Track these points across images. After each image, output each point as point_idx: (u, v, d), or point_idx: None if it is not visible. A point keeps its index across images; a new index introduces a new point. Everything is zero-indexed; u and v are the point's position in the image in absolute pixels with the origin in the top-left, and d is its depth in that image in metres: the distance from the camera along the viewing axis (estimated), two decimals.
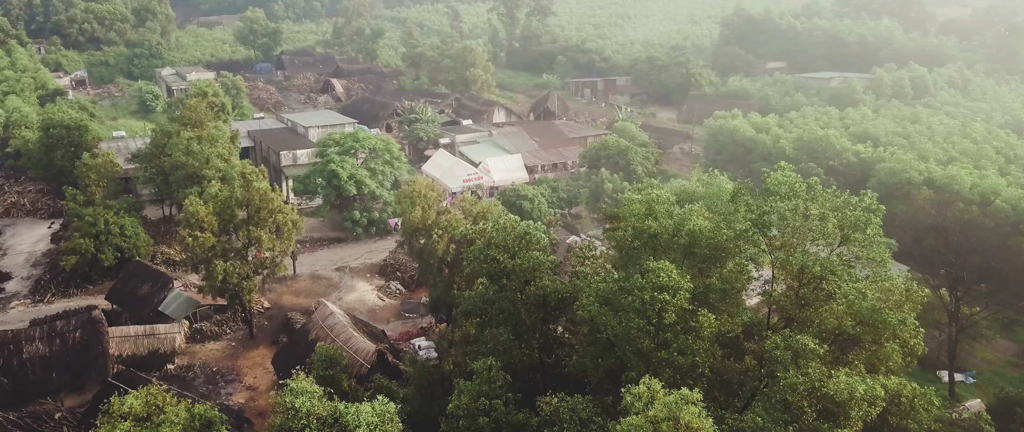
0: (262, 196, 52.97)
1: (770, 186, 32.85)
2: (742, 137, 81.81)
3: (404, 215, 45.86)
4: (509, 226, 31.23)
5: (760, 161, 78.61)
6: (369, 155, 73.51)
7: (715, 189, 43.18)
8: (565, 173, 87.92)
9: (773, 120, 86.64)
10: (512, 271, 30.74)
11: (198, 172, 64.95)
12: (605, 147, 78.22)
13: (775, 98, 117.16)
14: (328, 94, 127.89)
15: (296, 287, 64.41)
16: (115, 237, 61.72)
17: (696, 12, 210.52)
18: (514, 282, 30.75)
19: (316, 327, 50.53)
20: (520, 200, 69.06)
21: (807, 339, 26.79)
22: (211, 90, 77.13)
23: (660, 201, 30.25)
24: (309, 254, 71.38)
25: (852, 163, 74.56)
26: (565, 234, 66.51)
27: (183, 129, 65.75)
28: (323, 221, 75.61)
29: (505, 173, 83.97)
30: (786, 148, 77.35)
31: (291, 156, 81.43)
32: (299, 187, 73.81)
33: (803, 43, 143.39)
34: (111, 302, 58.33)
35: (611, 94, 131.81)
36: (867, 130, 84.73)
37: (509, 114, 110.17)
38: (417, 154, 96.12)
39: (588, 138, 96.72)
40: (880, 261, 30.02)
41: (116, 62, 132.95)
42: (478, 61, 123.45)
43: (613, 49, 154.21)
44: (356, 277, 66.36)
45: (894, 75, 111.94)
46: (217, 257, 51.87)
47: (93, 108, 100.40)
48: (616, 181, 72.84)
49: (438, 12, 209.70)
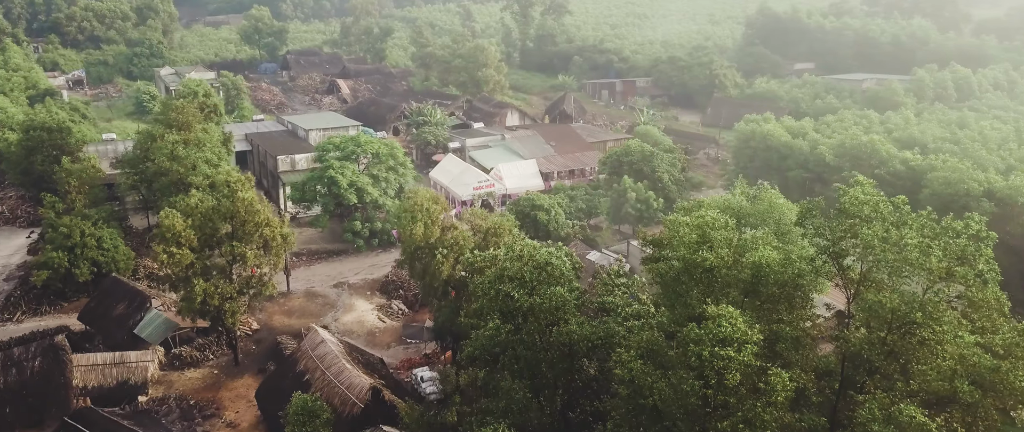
0: (247, 207, 47.25)
1: (847, 206, 26.64)
2: (776, 142, 75.22)
3: (403, 231, 39.94)
4: (525, 254, 25.15)
5: (796, 169, 72.20)
6: (372, 161, 67.78)
7: (765, 205, 36.90)
8: (583, 180, 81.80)
9: (809, 124, 79.94)
10: (530, 311, 24.67)
11: (184, 179, 59.41)
12: (627, 153, 71.99)
13: (805, 101, 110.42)
14: (334, 95, 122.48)
15: (289, 306, 58.67)
16: (91, 250, 56.28)
17: (716, 12, 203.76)
18: (532, 325, 24.69)
19: (304, 357, 44.68)
20: (535, 211, 63.03)
21: (914, 411, 20.58)
22: (202, 90, 71.64)
23: (716, 226, 24.08)
24: (305, 268, 65.68)
25: (899, 172, 67.83)
26: (584, 249, 60.45)
27: (168, 132, 60.20)
28: (321, 232, 69.89)
29: (519, 180, 77.97)
30: (825, 155, 70.75)
31: (289, 161, 75.88)
32: (296, 195, 68.19)
33: (832, 43, 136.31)
34: (84, 322, 52.92)
35: (630, 96, 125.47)
36: (912, 135, 77.88)
37: (523, 117, 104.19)
38: (425, 159, 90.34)
39: (608, 143, 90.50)
40: (997, 305, 23.70)
41: (116, 61, 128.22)
42: (490, 61, 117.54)
43: (631, 49, 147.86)
44: (355, 294, 60.54)
45: (936, 76, 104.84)
46: (196, 276, 46.26)
47: (85, 109, 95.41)
48: (640, 190, 66.64)
49: (450, 11, 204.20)
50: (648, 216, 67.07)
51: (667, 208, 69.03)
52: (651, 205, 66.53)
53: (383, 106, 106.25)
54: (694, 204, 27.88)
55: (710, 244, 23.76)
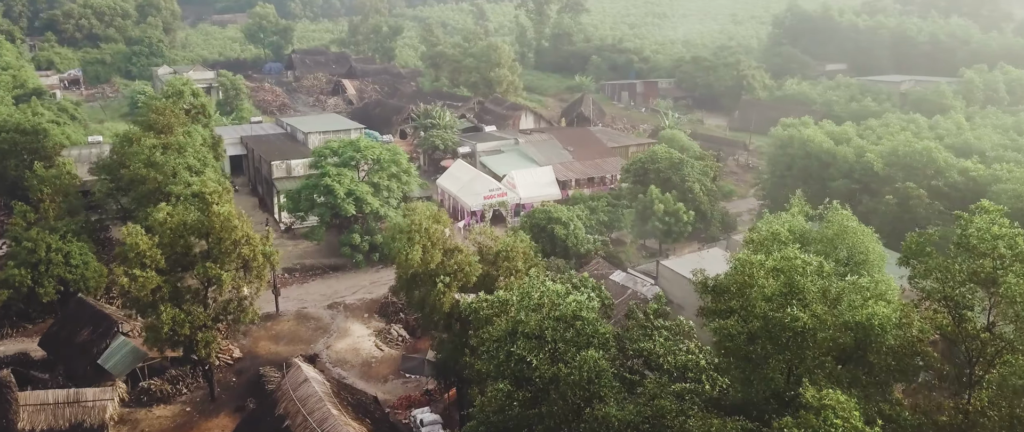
0: (223, 223, 41.18)
1: (973, 241, 20.05)
2: (816, 149, 68.28)
3: (398, 256, 33.70)
4: (546, 302, 18.75)
5: (840, 178, 65.25)
6: (372, 167, 61.69)
7: (834, 229, 30.22)
8: (603, 188, 75.20)
9: (851, 129, 72.96)
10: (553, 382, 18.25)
11: (162, 187, 53.53)
12: (653, 159, 65.46)
13: (839, 103, 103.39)
14: (339, 96, 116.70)
15: (277, 330, 52.58)
16: (58, 267, 50.37)
17: (738, 11, 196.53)
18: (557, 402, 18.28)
19: (285, 398, 38.45)
20: (551, 224, 56.67)
21: None
22: (189, 89, 65.80)
23: (807, 270, 17.50)
24: (298, 286, 59.65)
25: (957, 183, 60.85)
26: (607, 268, 53.90)
27: (146, 136, 54.32)
28: (318, 245, 63.82)
29: (533, 188, 71.54)
30: (874, 163, 63.80)
31: (284, 167, 69.94)
32: (289, 205, 62.22)
33: (866, 43, 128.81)
34: (45, 349, 47.10)
35: (652, 98, 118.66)
36: (967, 142, 70.80)
37: (538, 120, 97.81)
38: (433, 165, 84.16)
39: (630, 148, 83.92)
40: None
41: (114, 60, 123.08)
42: (504, 60, 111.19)
43: (652, 49, 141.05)
44: (351, 317, 54.38)
45: (986, 77, 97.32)
46: (164, 302, 40.22)
47: (75, 110, 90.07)
48: (669, 201, 60.06)
49: (462, 11, 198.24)
50: (677, 231, 60.49)
51: (699, 222, 62.36)
52: (680, 218, 59.95)
53: (389, 108, 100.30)
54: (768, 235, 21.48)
55: (801, 296, 17.31)
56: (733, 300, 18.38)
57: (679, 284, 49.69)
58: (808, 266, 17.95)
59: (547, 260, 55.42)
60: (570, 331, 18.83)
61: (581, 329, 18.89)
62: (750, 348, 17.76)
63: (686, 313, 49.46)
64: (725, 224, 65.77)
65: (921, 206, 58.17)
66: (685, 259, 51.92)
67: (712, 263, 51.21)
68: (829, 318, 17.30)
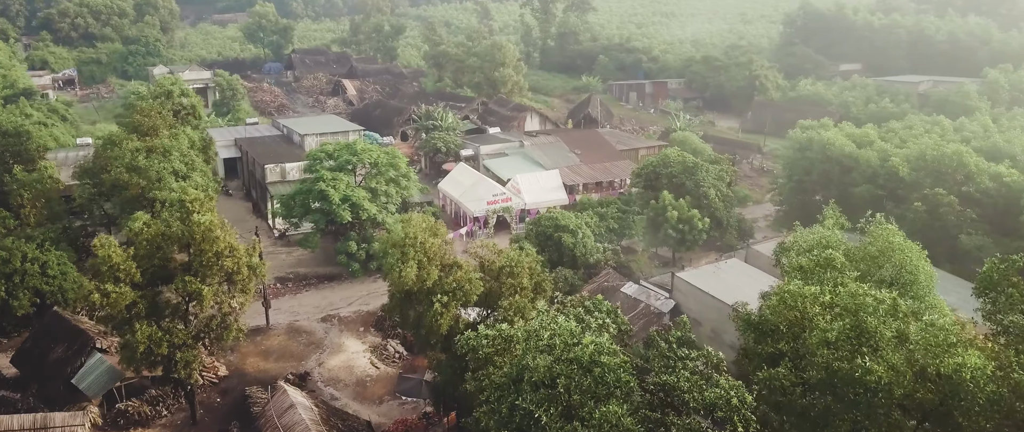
0: (204, 233, 38.04)
1: None
2: (837, 153, 64.72)
3: (390, 273, 30.50)
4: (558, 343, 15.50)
5: (863, 183, 61.65)
6: (370, 171, 58.51)
7: (879, 245, 26.87)
8: (612, 193, 71.92)
9: (872, 131, 69.41)
10: None
11: (146, 193, 50.53)
12: (666, 163, 62.16)
13: (856, 104, 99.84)
14: (339, 97, 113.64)
15: (267, 345, 49.45)
16: (33, 277, 47.33)
17: (748, 10, 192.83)
18: None
19: (269, 425, 35.38)
20: (559, 232, 53.42)
21: None
22: (177, 89, 62.73)
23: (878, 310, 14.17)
24: (291, 297, 56.52)
25: (989, 190, 57.24)
26: (618, 279, 50.65)
27: (129, 138, 51.28)
28: (312, 253, 60.67)
29: (539, 194, 68.29)
30: (899, 168, 60.20)
31: (278, 170, 66.85)
32: (281, 210, 59.14)
33: (881, 42, 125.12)
34: (17, 367, 44.11)
35: (661, 99, 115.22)
36: (996, 145, 67.09)
37: (544, 121, 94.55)
38: (435, 168, 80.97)
39: (640, 151, 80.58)
40: None
41: (109, 60, 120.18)
42: (508, 60, 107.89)
43: (661, 48, 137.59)
44: (346, 331, 51.23)
45: (1011, 77, 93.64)
46: (139, 319, 37.14)
47: (66, 111, 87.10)
48: (682, 208, 56.70)
49: (467, 10, 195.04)
50: (691, 239, 57.14)
51: (714, 229, 58.96)
52: (695, 226, 56.60)
53: (390, 109, 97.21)
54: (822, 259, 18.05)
55: (873, 343, 14.01)
56: (783, 342, 15.07)
57: (696, 298, 46.45)
58: (880, 305, 14.64)
59: (554, 271, 52.24)
60: (587, 379, 15.52)
61: (600, 377, 15.59)
62: (807, 402, 14.47)
63: (704, 330, 46.19)
64: (741, 231, 62.44)
65: (952, 214, 54.69)
66: (702, 271, 48.65)
67: (731, 275, 47.93)
68: (907, 369, 14.00)
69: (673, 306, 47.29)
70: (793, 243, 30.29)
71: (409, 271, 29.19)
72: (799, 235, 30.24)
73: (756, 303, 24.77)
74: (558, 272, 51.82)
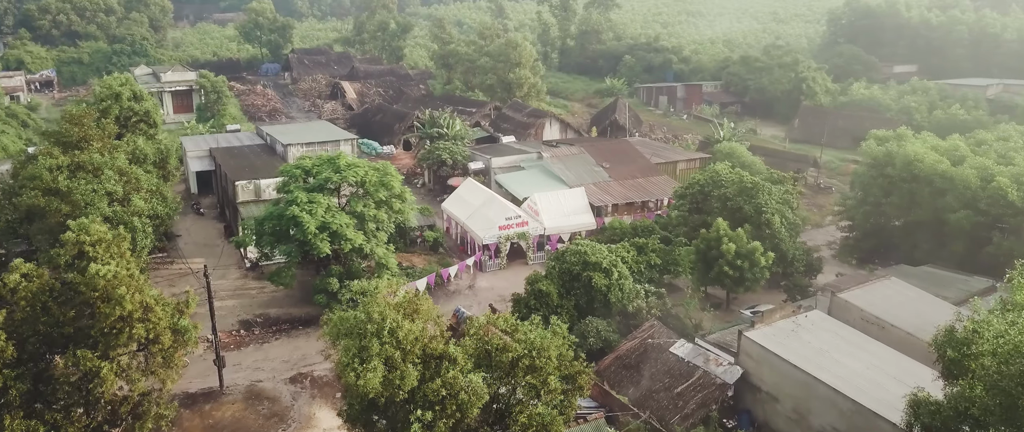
0: (105, 291, 27.55)
1: None
2: (924, 170, 53.15)
3: (345, 375, 19.73)
4: None
5: (961, 209, 50.14)
6: (355, 192, 47.86)
7: None
8: (648, 216, 60.77)
9: (963, 144, 57.75)
10: None
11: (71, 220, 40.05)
12: (717, 182, 51.12)
13: (920, 111, 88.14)
14: (337, 100, 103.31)
15: (216, 418, 38.69)
16: None
17: (779, 9, 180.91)
18: None
19: None
20: (588, 270, 42.39)
21: None
22: (128, 91, 52.36)
23: None
24: (256, 347, 45.76)
25: None
26: (666, 336, 39.39)
27: (48, 153, 40.91)
28: (288, 292, 50.04)
29: (561, 217, 57.32)
30: (1007, 189, 48.69)
31: (251, 187, 56.32)
32: (249, 238, 48.65)
33: (939, 42, 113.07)
34: None
35: (695, 103, 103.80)
36: None
37: (564, 128, 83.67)
38: (440, 183, 70.26)
39: (678, 164, 69.30)
40: None
41: (92, 60, 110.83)
42: (525, 60, 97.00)
43: (691, 48, 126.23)
44: (319, 397, 40.47)
45: None
46: (12, 409, 26.72)
47: (28, 115, 77.31)
48: (741, 239, 45.49)
49: (480, 8, 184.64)
50: (751, 278, 45.84)
51: (776, 264, 47.48)
52: (757, 262, 45.30)
53: (392, 114, 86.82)
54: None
55: None
56: None
57: (772, 366, 35.37)
58: None
59: (583, 322, 41.27)
60: None
61: None
62: None
63: (782, 408, 35.15)
64: (809, 266, 50.83)
65: None
66: (778, 329, 37.30)
67: (815, 335, 36.72)
68: None
69: (740, 374, 36.22)
70: (972, 334, 19.15)
71: (372, 376, 18.41)
72: (984, 324, 19.06)
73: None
74: (588, 323, 40.98)
